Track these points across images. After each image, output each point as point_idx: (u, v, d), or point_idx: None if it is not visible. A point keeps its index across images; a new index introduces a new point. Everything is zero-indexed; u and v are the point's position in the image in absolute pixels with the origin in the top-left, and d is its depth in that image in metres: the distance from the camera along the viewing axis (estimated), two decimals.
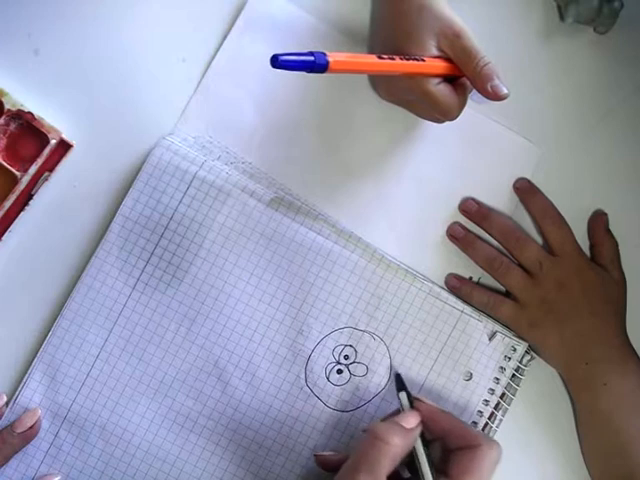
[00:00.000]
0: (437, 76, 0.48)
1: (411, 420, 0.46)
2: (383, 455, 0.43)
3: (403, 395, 0.48)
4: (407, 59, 0.46)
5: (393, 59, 0.45)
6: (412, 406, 0.47)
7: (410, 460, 0.46)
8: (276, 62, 0.38)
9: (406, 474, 0.47)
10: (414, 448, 0.46)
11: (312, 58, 0.38)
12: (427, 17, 0.47)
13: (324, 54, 0.39)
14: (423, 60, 0.47)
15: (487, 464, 0.45)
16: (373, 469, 0.43)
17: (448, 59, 0.48)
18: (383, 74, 0.45)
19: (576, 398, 0.54)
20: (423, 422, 0.46)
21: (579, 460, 0.54)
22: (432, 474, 0.45)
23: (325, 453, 0.51)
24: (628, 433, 0.51)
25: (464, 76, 0.49)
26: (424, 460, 0.45)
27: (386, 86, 0.52)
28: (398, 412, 0.48)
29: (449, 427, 0.47)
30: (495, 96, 0.47)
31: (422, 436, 0.46)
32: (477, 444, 0.45)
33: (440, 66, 0.48)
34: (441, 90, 0.48)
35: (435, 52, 0.48)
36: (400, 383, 0.49)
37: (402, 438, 0.44)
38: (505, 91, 0.47)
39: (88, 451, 0.51)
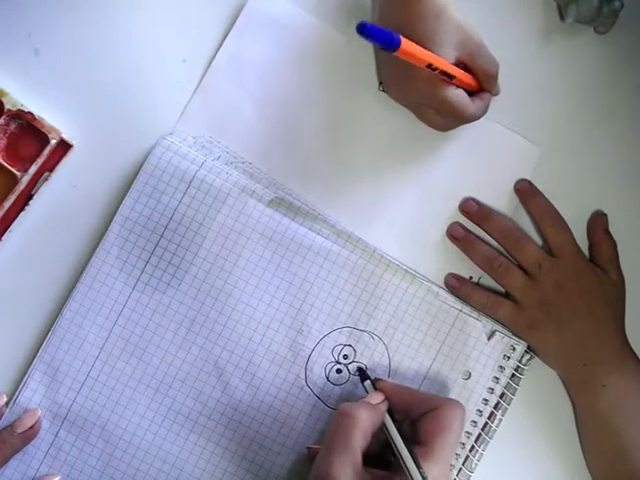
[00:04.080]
0: (464, 86, 0.50)
1: (375, 397, 0.48)
2: (352, 429, 0.45)
3: (368, 383, 0.50)
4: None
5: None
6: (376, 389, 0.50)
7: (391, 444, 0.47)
8: (363, 29, 0.41)
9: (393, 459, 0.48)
10: (385, 426, 0.47)
11: (391, 35, 0.43)
12: (446, 24, 0.48)
13: (399, 37, 0.44)
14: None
15: (452, 421, 0.46)
16: (346, 444, 0.44)
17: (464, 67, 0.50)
18: (432, 70, 0.47)
19: (575, 400, 0.54)
20: (388, 399, 0.48)
21: (579, 459, 0.54)
22: (405, 444, 0.46)
23: (317, 446, 0.52)
24: (628, 434, 0.51)
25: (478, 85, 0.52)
26: (395, 433, 0.47)
27: (402, 88, 0.52)
28: None
29: (410, 398, 0.49)
30: (493, 94, 0.53)
31: (391, 415, 0.48)
32: (438, 405, 0.47)
33: (470, 78, 0.50)
34: (459, 96, 0.50)
35: (452, 60, 0.49)
36: (364, 375, 0.51)
37: (368, 412, 0.46)
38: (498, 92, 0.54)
39: (88, 451, 0.52)
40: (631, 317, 0.53)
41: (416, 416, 0.48)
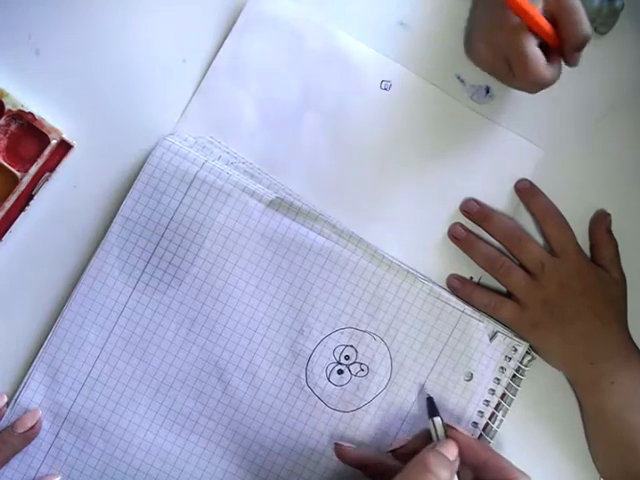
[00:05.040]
0: (542, 36, 0.47)
1: (454, 451, 0.47)
2: None
3: (438, 422, 0.49)
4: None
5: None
6: (446, 434, 0.49)
7: None
8: None
9: None
10: None
11: None
12: None
13: None
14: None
15: None
16: None
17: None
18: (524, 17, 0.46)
19: (583, 398, 0.53)
20: (460, 452, 0.47)
21: (580, 460, 0.54)
22: None
23: (345, 444, 0.52)
24: (638, 430, 0.51)
25: (560, 46, 0.48)
26: None
27: (491, 34, 0.49)
28: (426, 436, 0.49)
29: (485, 458, 0.48)
30: (571, 64, 0.50)
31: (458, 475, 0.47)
32: (512, 478, 0.47)
33: (548, 26, 0.47)
34: (536, 54, 0.47)
35: (541, 9, 0.47)
36: (433, 408, 0.50)
37: (449, 471, 0.45)
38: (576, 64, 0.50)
39: (89, 451, 0.51)
40: (632, 317, 0.53)
41: (484, 478, 0.47)
